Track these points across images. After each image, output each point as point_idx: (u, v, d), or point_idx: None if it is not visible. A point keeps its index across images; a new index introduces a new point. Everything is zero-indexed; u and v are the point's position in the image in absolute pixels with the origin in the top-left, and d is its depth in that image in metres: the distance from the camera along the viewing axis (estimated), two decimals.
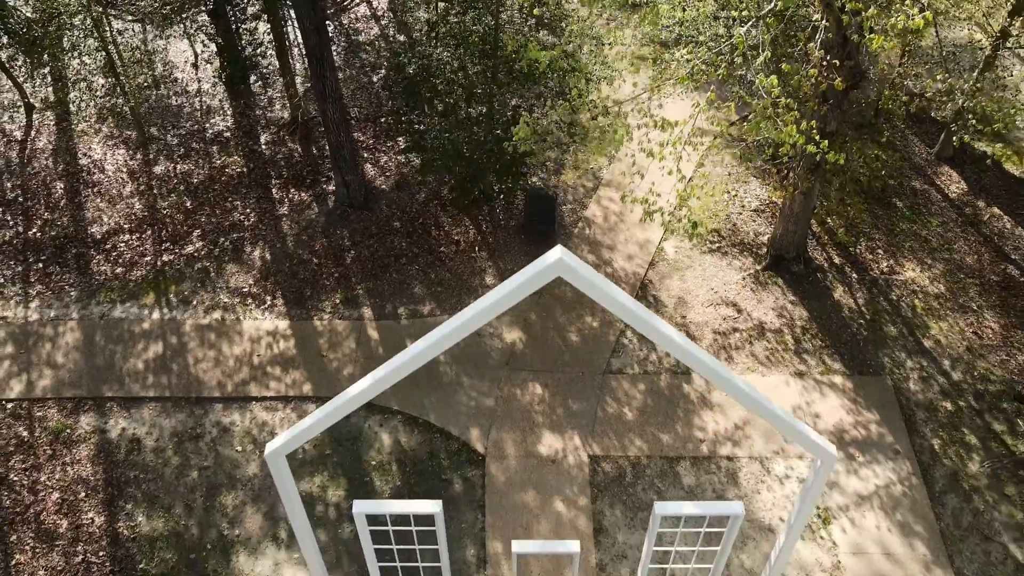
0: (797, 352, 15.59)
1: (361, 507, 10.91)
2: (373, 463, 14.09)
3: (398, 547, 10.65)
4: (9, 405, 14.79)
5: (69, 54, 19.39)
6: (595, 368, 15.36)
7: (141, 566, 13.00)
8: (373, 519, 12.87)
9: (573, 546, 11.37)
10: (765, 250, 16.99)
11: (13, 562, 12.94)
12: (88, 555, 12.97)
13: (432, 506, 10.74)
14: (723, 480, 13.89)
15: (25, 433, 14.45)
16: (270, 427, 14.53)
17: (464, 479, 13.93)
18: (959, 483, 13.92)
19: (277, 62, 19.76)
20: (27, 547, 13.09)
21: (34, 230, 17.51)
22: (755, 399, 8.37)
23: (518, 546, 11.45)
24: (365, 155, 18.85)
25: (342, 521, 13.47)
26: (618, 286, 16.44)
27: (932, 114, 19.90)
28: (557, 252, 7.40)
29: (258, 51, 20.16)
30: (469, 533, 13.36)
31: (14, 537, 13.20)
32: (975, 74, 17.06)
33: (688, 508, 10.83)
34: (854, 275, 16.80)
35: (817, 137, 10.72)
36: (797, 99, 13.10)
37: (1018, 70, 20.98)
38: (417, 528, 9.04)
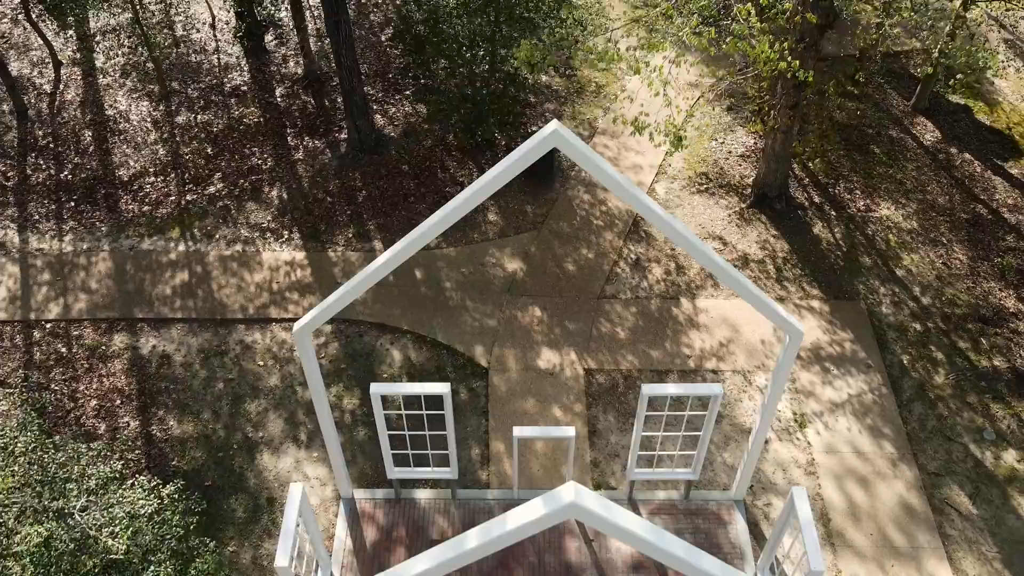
0: (778, 280, 16.77)
1: (377, 389, 12.17)
2: (384, 376, 15.25)
3: (409, 426, 11.81)
4: (48, 325, 15.97)
5: (95, 13, 20.56)
6: (590, 294, 16.53)
7: (173, 463, 14.19)
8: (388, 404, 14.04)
9: (569, 431, 12.57)
10: (750, 190, 18.16)
11: None
12: (124, 452, 14.14)
13: (441, 387, 12.01)
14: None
15: (64, 349, 15.63)
16: (289, 345, 15.70)
17: (469, 389, 15.11)
18: (925, 393, 15.10)
19: (292, 20, 20.89)
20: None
21: (65, 172, 18.68)
22: (732, 275, 9.60)
23: (518, 431, 12.64)
24: (374, 107, 20.01)
25: (356, 426, 14.64)
26: (612, 222, 17.67)
27: (910, 70, 21.06)
28: (553, 125, 8.59)
29: (274, 7, 21.34)
30: (474, 436, 14.54)
31: (57, 437, 14.37)
32: (947, 28, 18.22)
33: (671, 389, 12.08)
34: (832, 213, 17.97)
35: (789, 57, 11.88)
36: (772, 32, 14.28)
37: (989, 30, 22.13)
38: (427, 412, 10.21)
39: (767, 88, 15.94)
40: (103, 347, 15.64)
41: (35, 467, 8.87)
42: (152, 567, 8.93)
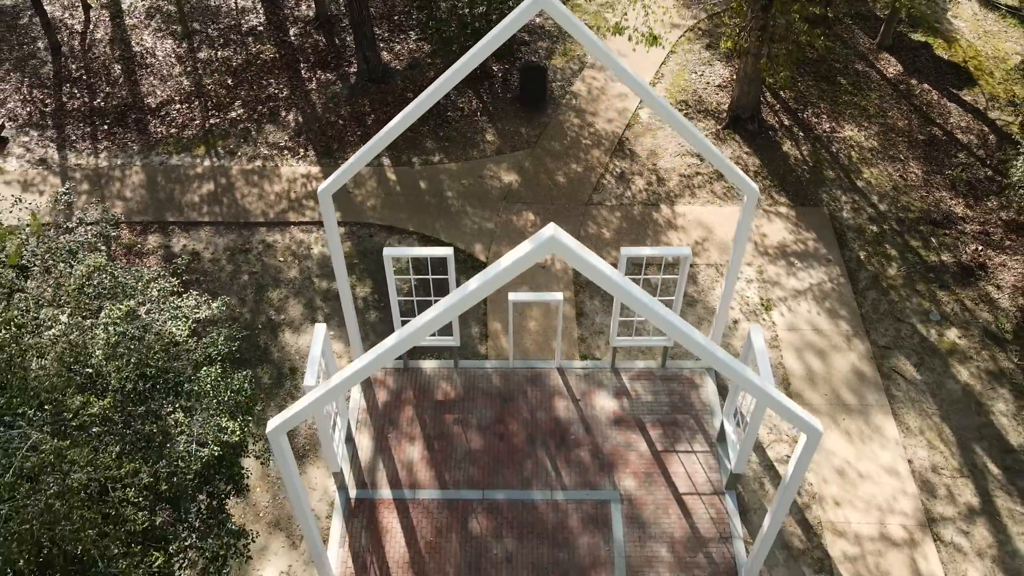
0: None
1: (389, 251, 13.90)
2: (393, 269, 16.91)
3: (418, 295, 13.48)
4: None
5: None
6: (579, 201, 18.22)
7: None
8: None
9: (557, 296, 14.30)
10: (725, 114, 19.84)
11: None
12: None
13: (445, 251, 13.74)
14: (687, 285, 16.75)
15: (102, 246, 17.27)
16: (306, 244, 17.38)
17: (469, 279, 16.79)
18: (879, 282, 16.80)
19: None
20: None
21: (98, 100, 20.34)
22: (693, 132, 11.29)
23: (513, 295, 14.37)
24: (381, 45, 21.68)
25: (368, 310, 16.31)
26: (600, 141, 19.30)
27: (875, 11, 22.74)
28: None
29: None
30: (474, 318, 16.22)
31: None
32: None
33: (647, 251, 13.81)
34: (800, 133, 19.67)
35: None
36: None
37: None
38: (433, 277, 11.87)
39: (737, 12, 17.61)
40: (139, 245, 17.31)
41: (106, 275, 10.56)
42: (204, 368, 10.62)
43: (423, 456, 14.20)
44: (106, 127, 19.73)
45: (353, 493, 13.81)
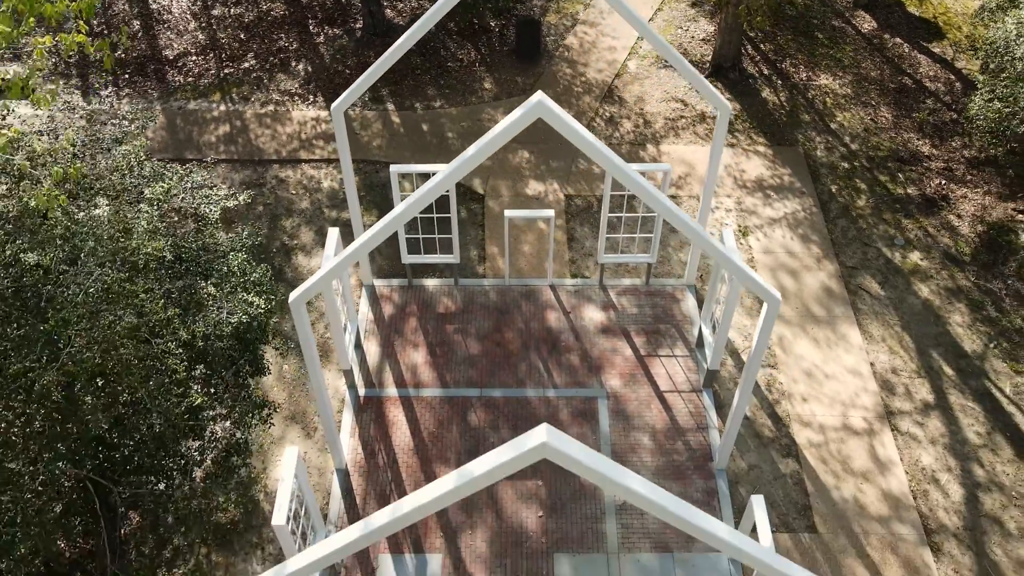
0: (731, 131, 19.76)
1: (395, 168, 15.13)
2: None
3: (422, 215, 14.74)
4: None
5: None
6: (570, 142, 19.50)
7: None
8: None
9: (549, 212, 15.59)
10: (708, 64, 21.14)
11: None
12: None
13: (447, 167, 14.92)
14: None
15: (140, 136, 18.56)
16: (316, 179, 18.66)
17: (468, 209, 18.09)
18: (849, 212, 18.11)
19: None
20: None
21: (118, 53, 21.62)
22: (672, 52, 12.58)
23: (508, 213, 15.64)
24: (385, 2, 22.96)
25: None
26: (591, 89, 20.55)
27: None
28: None
29: None
30: (473, 242, 17.51)
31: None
32: None
33: (633, 166, 14.97)
34: (779, 82, 20.97)
35: None
36: None
37: None
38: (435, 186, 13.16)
39: None
40: None
41: (148, 163, 11.84)
42: (232, 252, 11.91)
43: (426, 360, 15.50)
44: (127, 76, 21.01)
45: (362, 391, 15.10)
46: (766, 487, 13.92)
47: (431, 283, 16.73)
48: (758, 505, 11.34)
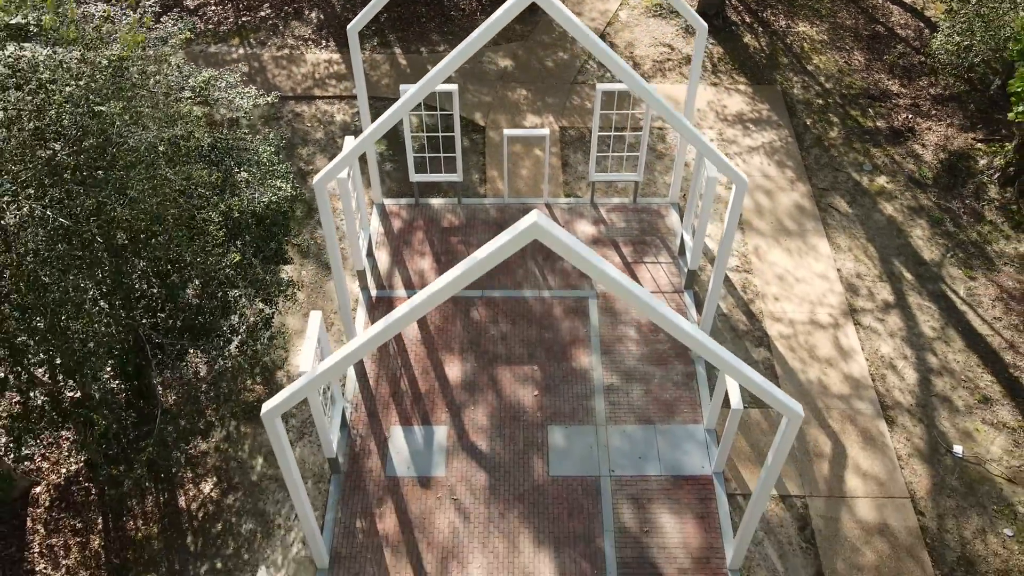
0: (714, 72, 21.25)
1: (404, 87, 16.59)
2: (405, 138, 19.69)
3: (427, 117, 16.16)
4: None
5: None
6: (564, 81, 21.01)
7: None
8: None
9: (544, 131, 17.07)
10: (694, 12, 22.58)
11: None
12: None
13: (451, 86, 16.43)
14: (655, 142, 19.56)
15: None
16: (330, 113, 20.15)
17: (471, 140, 19.59)
18: (822, 142, 19.60)
19: None
20: None
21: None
22: None
23: (508, 131, 17.12)
24: None
25: (384, 163, 19.08)
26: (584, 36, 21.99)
27: None
28: None
29: None
30: (475, 167, 19.00)
31: None
32: None
33: (620, 85, 16.54)
34: (759, 28, 22.46)
35: None
36: None
37: None
38: (441, 112, 14.63)
39: None
40: None
41: (185, 68, 13.33)
42: (261, 146, 13.41)
43: (431, 267, 17.00)
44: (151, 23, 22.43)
45: (374, 292, 16.60)
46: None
47: (436, 201, 18.22)
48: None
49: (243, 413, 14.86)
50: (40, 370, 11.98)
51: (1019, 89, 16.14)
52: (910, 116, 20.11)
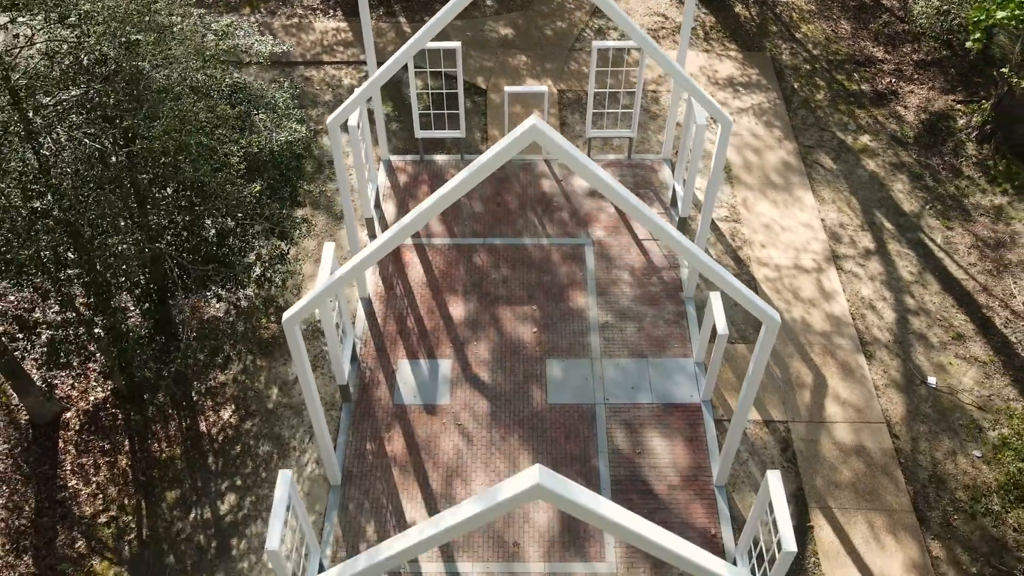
0: (706, 39, 22.16)
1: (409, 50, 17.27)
2: (410, 96, 20.60)
3: (431, 71, 17.05)
4: None
5: None
6: (563, 48, 21.91)
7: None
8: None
9: (543, 88, 17.98)
10: None
11: None
12: None
13: (455, 44, 17.30)
14: (648, 103, 20.46)
15: None
16: (338, 78, 21.06)
17: (473, 102, 20.50)
18: (809, 104, 20.51)
19: None
20: None
21: None
22: None
23: (509, 88, 18.03)
24: None
25: (391, 123, 19.98)
26: (582, 4, 22.92)
27: None
28: None
29: None
30: (476, 127, 19.90)
31: None
32: None
33: (615, 43, 17.36)
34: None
35: None
36: None
37: None
38: (445, 70, 15.50)
39: None
40: None
41: (205, 18, 14.24)
42: (277, 91, 14.32)
43: (436, 216, 17.90)
44: None
45: (376, 260, 17.48)
46: (728, 311, 16.33)
47: (440, 158, 19.13)
48: (715, 299, 13.76)
49: (259, 348, 15.77)
50: (77, 289, 12.88)
51: (976, 19, 16.96)
52: (893, 80, 21.01)
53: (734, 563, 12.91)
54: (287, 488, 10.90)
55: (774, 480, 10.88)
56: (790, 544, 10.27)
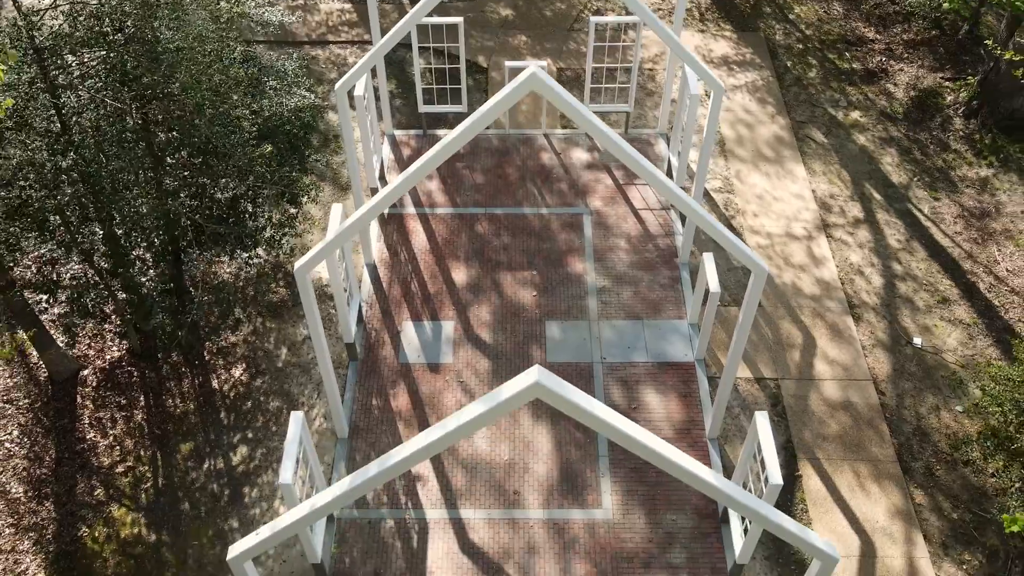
0: (702, 20, 22.73)
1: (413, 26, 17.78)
2: (413, 73, 21.17)
3: (434, 46, 17.61)
4: None
5: None
6: (562, 28, 22.49)
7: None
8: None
9: (542, 63, 18.52)
10: None
11: None
12: None
13: (457, 20, 17.85)
14: (645, 81, 21.04)
15: None
16: (343, 56, 21.63)
17: (474, 79, 21.06)
18: (801, 81, 21.08)
19: None
20: None
21: None
22: None
23: (509, 63, 18.59)
24: None
25: (394, 99, 20.56)
26: None
27: None
28: None
29: None
30: (478, 103, 20.45)
31: None
32: None
33: (612, 18, 17.86)
34: None
35: None
36: None
37: None
38: (448, 45, 16.08)
39: None
40: None
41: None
42: (287, 61, 14.89)
43: (439, 187, 18.48)
44: None
45: (385, 210, 18.07)
46: (721, 276, 16.91)
47: (443, 132, 19.70)
48: (708, 259, 14.33)
49: (268, 311, 16.34)
50: (98, 245, 13.45)
51: None
52: (884, 59, 21.58)
53: (724, 512, 13.49)
54: (299, 428, 11.48)
55: (762, 420, 11.45)
56: (776, 478, 10.84)
